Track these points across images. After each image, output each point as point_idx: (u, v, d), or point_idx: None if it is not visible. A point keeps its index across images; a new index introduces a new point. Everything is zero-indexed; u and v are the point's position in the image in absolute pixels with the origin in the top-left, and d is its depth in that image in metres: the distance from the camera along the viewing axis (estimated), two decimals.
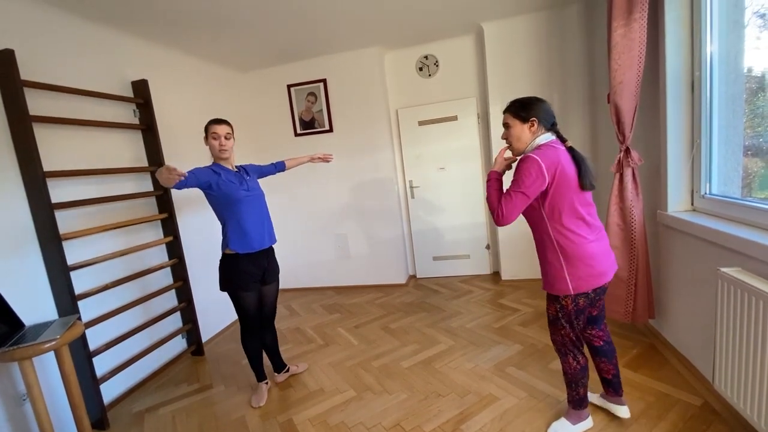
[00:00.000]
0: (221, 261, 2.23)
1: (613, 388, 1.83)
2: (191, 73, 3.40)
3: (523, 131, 1.60)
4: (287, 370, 2.58)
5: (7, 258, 1.97)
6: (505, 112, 1.67)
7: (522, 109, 1.60)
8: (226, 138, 2.18)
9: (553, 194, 1.51)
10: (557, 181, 1.49)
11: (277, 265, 2.42)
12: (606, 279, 1.59)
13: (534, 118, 1.58)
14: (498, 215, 1.53)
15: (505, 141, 1.69)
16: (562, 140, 1.61)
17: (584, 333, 1.77)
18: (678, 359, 2.22)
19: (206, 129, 2.19)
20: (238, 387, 2.56)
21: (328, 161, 2.73)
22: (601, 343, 1.77)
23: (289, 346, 3.06)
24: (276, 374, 2.56)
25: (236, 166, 2.30)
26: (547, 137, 1.58)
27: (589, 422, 1.82)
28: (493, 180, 1.65)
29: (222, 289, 2.24)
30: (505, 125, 1.66)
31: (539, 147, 1.55)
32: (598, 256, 1.57)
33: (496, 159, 1.73)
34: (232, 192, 2.13)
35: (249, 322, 2.29)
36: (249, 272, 2.21)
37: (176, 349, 2.99)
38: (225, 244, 2.20)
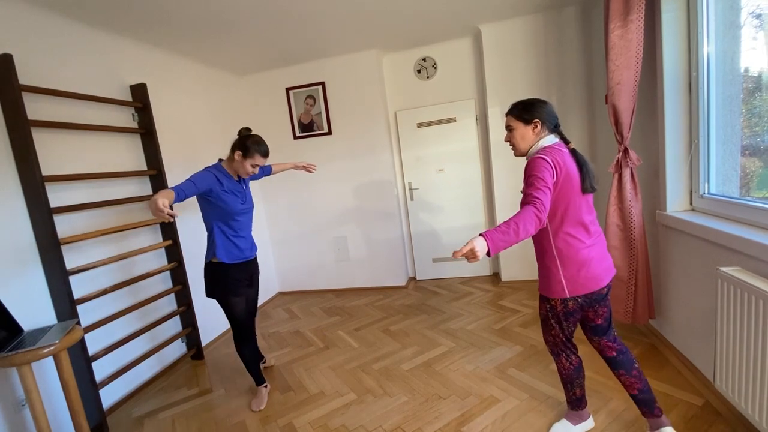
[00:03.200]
0: (207, 268, 2.21)
1: (646, 407, 1.65)
2: (190, 76, 3.41)
3: (527, 132, 1.58)
4: (264, 362, 2.66)
5: (5, 263, 1.96)
6: (507, 114, 1.65)
7: (525, 111, 1.58)
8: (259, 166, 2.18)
9: (557, 195, 1.49)
10: (562, 181, 1.47)
11: (259, 269, 2.48)
12: (601, 283, 1.56)
13: (537, 120, 1.56)
14: (538, 218, 1.35)
15: (508, 143, 1.67)
16: (566, 142, 1.60)
17: (597, 344, 1.71)
18: (679, 359, 2.21)
19: (248, 150, 2.07)
20: (238, 391, 2.55)
21: (310, 171, 2.75)
22: (614, 353, 1.66)
23: (289, 349, 3.05)
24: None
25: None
26: (551, 139, 1.57)
27: (590, 422, 1.81)
28: (499, 232, 1.30)
29: (208, 295, 2.24)
30: (508, 128, 1.64)
31: (544, 149, 1.53)
32: (594, 260, 1.55)
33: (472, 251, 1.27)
34: (230, 204, 2.12)
35: (242, 327, 2.28)
36: (238, 278, 2.22)
37: (176, 353, 2.98)
38: (212, 253, 2.17)
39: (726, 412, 1.80)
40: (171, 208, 1.62)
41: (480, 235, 1.29)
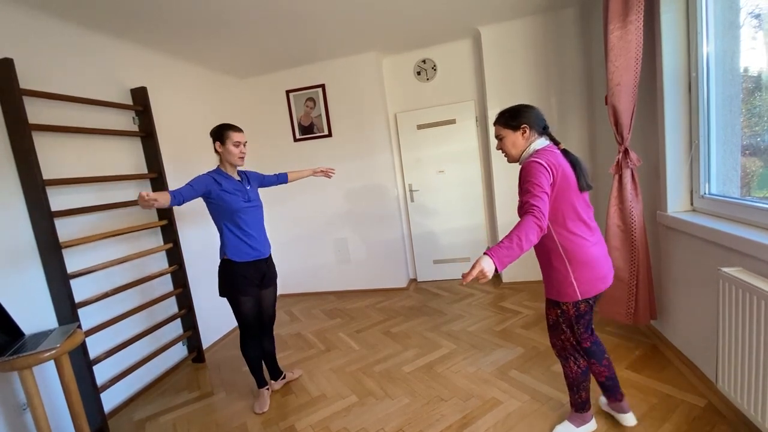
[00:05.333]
0: (220, 266, 2.22)
1: (611, 393, 1.78)
2: (190, 79, 3.42)
3: (516, 139, 1.60)
4: (284, 377, 2.57)
5: (6, 266, 1.97)
6: (495, 124, 1.67)
7: (511, 118, 1.60)
8: (244, 145, 2.19)
9: (557, 196, 1.50)
10: (560, 182, 1.48)
11: (275, 271, 2.42)
12: (608, 282, 1.58)
13: (525, 125, 1.58)
14: (539, 227, 1.35)
15: (501, 152, 1.69)
16: (555, 143, 1.62)
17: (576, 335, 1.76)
18: (681, 360, 2.21)
19: (222, 134, 2.15)
20: (239, 394, 2.54)
21: (329, 176, 2.74)
22: (589, 344, 1.72)
23: (290, 351, 3.05)
24: (272, 382, 2.54)
25: (239, 173, 2.29)
26: (542, 142, 1.58)
27: (593, 424, 1.81)
28: (504, 248, 1.30)
29: (221, 294, 2.24)
30: (498, 137, 1.66)
31: (537, 152, 1.55)
32: (601, 258, 1.57)
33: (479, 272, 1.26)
34: (231, 202, 2.13)
35: (249, 328, 2.27)
36: (248, 276, 2.21)
37: (177, 356, 2.97)
38: (223, 252, 2.20)
39: (729, 413, 1.79)
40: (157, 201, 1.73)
41: (485, 253, 1.28)
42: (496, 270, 1.27)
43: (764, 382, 1.40)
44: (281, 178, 2.61)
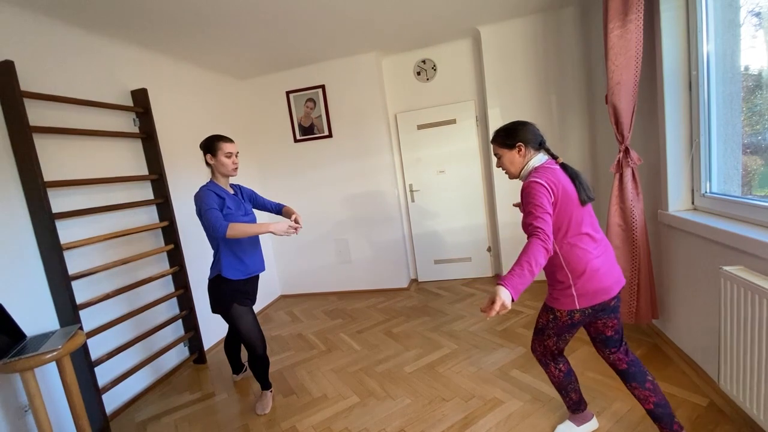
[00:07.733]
0: (212, 282, 2.19)
1: (663, 423, 1.55)
2: (191, 81, 3.42)
3: (513, 157, 1.61)
4: (245, 370, 2.68)
5: (8, 268, 1.97)
6: (492, 143, 1.69)
7: (507, 137, 1.61)
8: (236, 155, 2.17)
9: (558, 212, 1.50)
10: (561, 198, 1.48)
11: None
12: (611, 293, 1.53)
13: (520, 143, 1.58)
14: (545, 249, 1.37)
15: (501, 169, 1.70)
16: (554, 157, 1.62)
17: (607, 357, 1.67)
18: (683, 359, 2.20)
19: (213, 146, 2.12)
20: (240, 395, 2.54)
21: (297, 229, 2.20)
22: (625, 365, 1.61)
23: (292, 352, 3.05)
24: (234, 375, 2.66)
25: (231, 186, 2.28)
26: (540, 159, 1.59)
27: (594, 423, 1.80)
28: (516, 276, 1.33)
29: (215, 310, 2.22)
30: (496, 155, 1.68)
31: (535, 170, 1.55)
32: (603, 269, 1.53)
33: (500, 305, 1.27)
34: (233, 219, 2.08)
35: (255, 341, 2.20)
36: (243, 291, 2.21)
37: (178, 357, 2.98)
38: (217, 270, 2.15)
39: (731, 413, 1.79)
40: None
41: (498, 284, 1.30)
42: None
43: (767, 381, 1.39)
44: (277, 208, 2.45)
